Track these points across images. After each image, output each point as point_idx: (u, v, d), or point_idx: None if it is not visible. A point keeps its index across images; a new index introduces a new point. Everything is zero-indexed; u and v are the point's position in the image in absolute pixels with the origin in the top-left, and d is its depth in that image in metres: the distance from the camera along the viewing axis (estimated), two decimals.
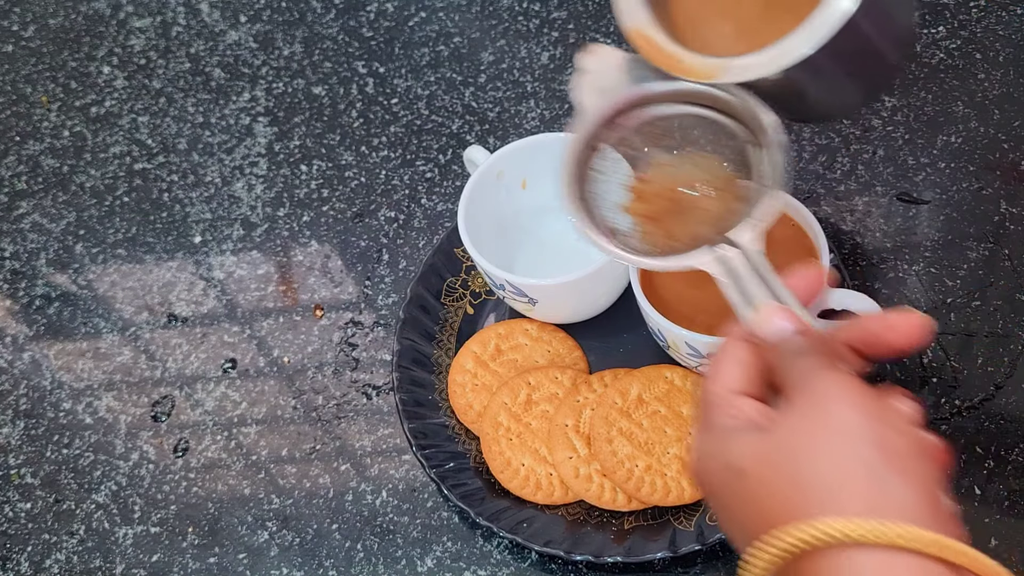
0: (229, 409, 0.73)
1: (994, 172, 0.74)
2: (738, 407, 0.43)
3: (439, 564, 0.65)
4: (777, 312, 0.44)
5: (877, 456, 0.38)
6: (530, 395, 0.67)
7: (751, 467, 0.40)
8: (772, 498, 0.39)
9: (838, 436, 0.38)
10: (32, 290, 0.81)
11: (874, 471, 0.37)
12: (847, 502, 0.37)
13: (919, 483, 0.38)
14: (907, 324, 0.43)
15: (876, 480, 0.37)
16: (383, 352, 0.74)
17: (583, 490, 0.64)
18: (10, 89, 0.92)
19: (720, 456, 0.42)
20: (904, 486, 0.37)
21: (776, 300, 0.46)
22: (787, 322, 0.44)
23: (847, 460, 0.38)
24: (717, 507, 0.43)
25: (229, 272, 0.79)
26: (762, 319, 0.44)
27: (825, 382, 0.40)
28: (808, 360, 0.42)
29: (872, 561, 0.36)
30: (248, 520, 0.69)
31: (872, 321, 0.44)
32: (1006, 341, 0.67)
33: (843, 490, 0.37)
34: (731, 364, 0.44)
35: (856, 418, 0.39)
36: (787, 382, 0.42)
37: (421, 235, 0.78)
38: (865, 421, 0.38)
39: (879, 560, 0.36)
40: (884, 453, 0.38)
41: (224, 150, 0.85)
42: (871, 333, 0.43)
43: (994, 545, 0.61)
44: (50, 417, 0.75)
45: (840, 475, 0.38)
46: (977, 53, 0.80)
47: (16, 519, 0.71)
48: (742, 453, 0.41)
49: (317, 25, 0.91)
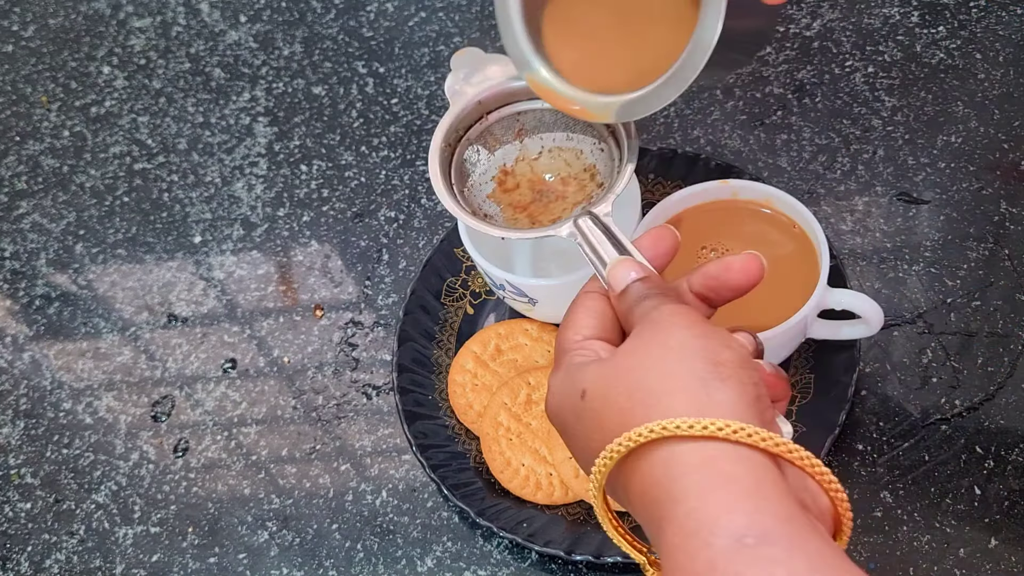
0: (229, 409, 0.73)
1: (994, 172, 0.74)
2: (587, 347, 0.46)
3: (439, 564, 0.65)
4: (622, 263, 0.47)
5: (704, 367, 0.40)
6: (530, 395, 0.67)
7: (591, 388, 0.43)
8: (609, 413, 0.42)
9: (670, 352, 0.41)
10: (32, 290, 0.81)
11: (700, 379, 0.40)
12: (674, 406, 0.39)
13: (742, 388, 0.40)
14: (742, 262, 0.46)
15: (702, 386, 0.40)
16: (383, 352, 0.74)
17: (583, 490, 0.64)
18: (10, 89, 0.92)
19: (568, 389, 0.44)
20: (728, 390, 0.40)
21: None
22: (632, 271, 0.47)
23: (676, 371, 0.40)
24: (569, 441, 0.46)
25: (229, 272, 0.79)
26: (609, 272, 0.48)
27: (661, 311, 0.43)
28: (651, 300, 0.45)
29: (695, 453, 0.38)
30: (248, 520, 0.69)
31: (710, 266, 0.47)
32: (1006, 341, 0.67)
33: (671, 396, 0.40)
34: (582, 313, 0.47)
35: (686, 336, 0.41)
36: (633, 322, 0.45)
37: (421, 235, 0.78)
38: (694, 339, 0.41)
39: (701, 451, 0.38)
40: (711, 364, 0.40)
41: (224, 150, 0.85)
42: (711, 277, 0.47)
43: (994, 545, 0.61)
44: (50, 417, 0.75)
45: (669, 384, 0.40)
46: (977, 53, 0.80)
47: (16, 519, 0.71)
48: (584, 378, 0.43)
49: (317, 25, 0.91)
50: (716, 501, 0.37)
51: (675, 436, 0.39)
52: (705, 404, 0.39)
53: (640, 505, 0.40)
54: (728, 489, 0.37)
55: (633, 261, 0.48)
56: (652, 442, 0.39)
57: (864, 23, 0.82)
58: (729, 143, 0.78)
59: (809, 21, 0.83)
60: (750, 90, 0.80)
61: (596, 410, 0.42)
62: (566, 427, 0.45)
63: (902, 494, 0.63)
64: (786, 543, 0.35)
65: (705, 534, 0.36)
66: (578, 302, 0.48)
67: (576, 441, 0.45)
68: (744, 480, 0.37)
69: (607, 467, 0.41)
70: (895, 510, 0.62)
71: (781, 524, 0.36)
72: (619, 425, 0.41)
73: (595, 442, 0.42)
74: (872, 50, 0.81)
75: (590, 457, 0.43)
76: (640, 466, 0.40)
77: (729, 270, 0.46)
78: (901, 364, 0.67)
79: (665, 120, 0.80)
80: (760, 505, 0.37)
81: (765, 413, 0.41)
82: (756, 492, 0.37)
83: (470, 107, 0.60)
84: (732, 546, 0.35)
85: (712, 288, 0.47)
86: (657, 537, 0.39)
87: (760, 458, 0.38)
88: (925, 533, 0.62)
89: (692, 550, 0.36)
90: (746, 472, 0.38)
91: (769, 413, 0.41)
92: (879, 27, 0.82)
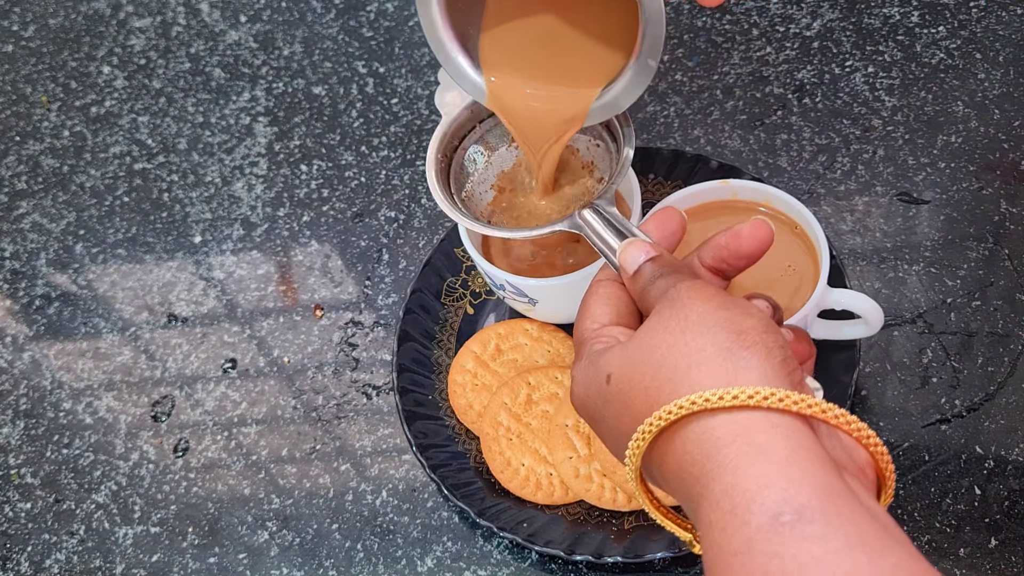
0: (229, 409, 0.73)
1: (994, 172, 0.74)
2: (606, 333, 0.45)
3: (439, 564, 0.65)
4: (632, 245, 0.47)
5: (727, 337, 0.40)
6: (530, 395, 0.67)
7: (615, 372, 0.42)
8: (636, 394, 0.41)
9: (691, 326, 0.41)
10: (32, 290, 0.81)
11: (725, 349, 0.39)
12: (701, 379, 0.39)
13: (767, 353, 0.39)
14: (751, 228, 0.46)
15: (728, 356, 0.39)
16: (383, 352, 0.74)
17: (583, 490, 0.64)
18: (10, 89, 0.92)
19: (593, 376, 0.44)
20: (754, 357, 0.39)
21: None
22: (642, 252, 0.46)
23: (700, 344, 0.40)
24: (598, 428, 0.45)
25: (229, 272, 0.79)
26: (620, 256, 0.47)
27: (678, 288, 0.43)
28: (665, 279, 0.44)
29: (727, 426, 0.38)
30: (248, 520, 0.69)
31: (719, 237, 0.47)
32: (1006, 341, 0.67)
33: (697, 369, 0.39)
34: (597, 302, 0.47)
35: (708, 309, 0.41)
36: (650, 302, 0.44)
37: (421, 235, 0.78)
38: (715, 311, 0.41)
39: (733, 423, 0.38)
40: (733, 333, 0.40)
41: (224, 150, 0.85)
42: (722, 247, 0.47)
43: (994, 545, 0.61)
44: (50, 417, 0.75)
45: (694, 358, 0.40)
46: (977, 53, 0.80)
47: (16, 519, 0.71)
48: (607, 363, 0.43)
49: (317, 25, 0.91)
50: (751, 476, 0.36)
51: (705, 410, 0.38)
52: (732, 373, 0.39)
53: (677, 483, 0.40)
54: (763, 462, 0.36)
55: (642, 242, 0.47)
56: (683, 418, 0.39)
57: (864, 23, 0.82)
58: (729, 143, 0.78)
59: (809, 21, 0.83)
60: (750, 90, 0.80)
61: (623, 392, 0.42)
62: (594, 415, 0.45)
63: (902, 494, 0.63)
64: (824, 519, 0.35)
65: (741, 512, 0.36)
66: (591, 291, 0.48)
67: (606, 428, 0.44)
68: (779, 450, 0.37)
69: (640, 448, 0.40)
70: (895, 510, 0.62)
71: (818, 498, 0.35)
72: (647, 405, 0.40)
73: (625, 425, 0.42)
74: (872, 50, 0.81)
75: (622, 441, 0.42)
76: (673, 445, 0.39)
77: (739, 238, 0.46)
78: (901, 364, 0.67)
79: (665, 120, 0.80)
80: (796, 477, 0.36)
81: (794, 375, 0.40)
82: (792, 463, 0.36)
83: (462, 117, 0.61)
84: (768, 524, 0.35)
85: (724, 259, 0.47)
86: (695, 514, 0.39)
87: (793, 423, 0.38)
88: (925, 533, 0.62)
89: (729, 529, 0.36)
90: (780, 441, 0.37)
91: (798, 374, 0.40)
92: (879, 27, 0.82)
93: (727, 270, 0.47)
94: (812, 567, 0.34)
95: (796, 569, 0.34)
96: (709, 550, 0.37)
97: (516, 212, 0.62)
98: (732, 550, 0.35)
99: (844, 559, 0.34)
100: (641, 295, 0.46)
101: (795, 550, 0.34)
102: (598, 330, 0.46)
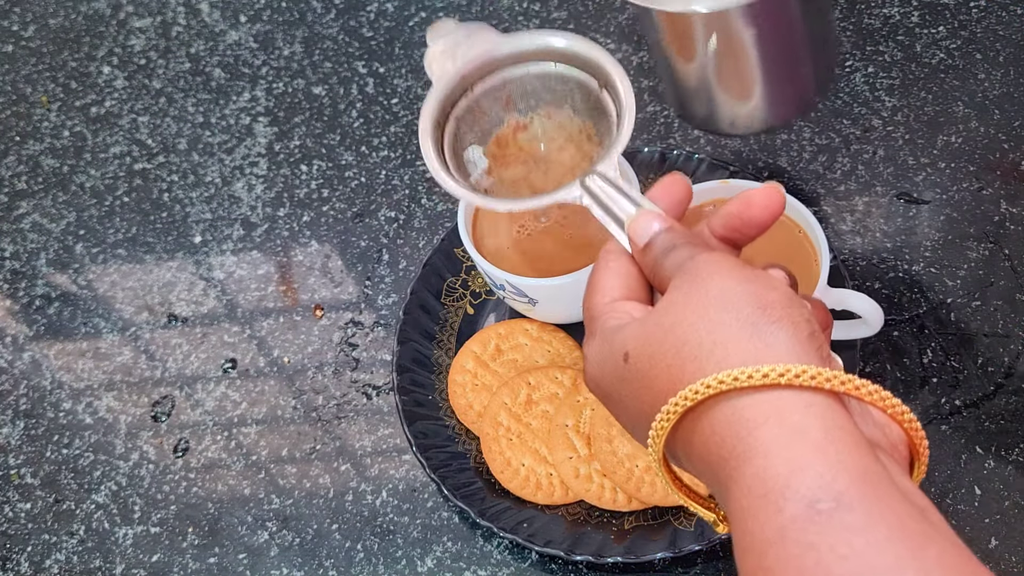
0: (229, 409, 0.73)
1: (994, 172, 0.74)
2: (619, 308, 0.43)
3: (439, 564, 0.65)
4: (643, 215, 0.45)
5: (752, 312, 0.38)
6: (530, 395, 0.67)
7: (633, 349, 0.40)
8: (657, 373, 0.39)
9: (714, 301, 0.39)
10: (32, 290, 0.81)
11: (751, 325, 0.37)
12: (728, 357, 0.37)
13: (795, 328, 0.37)
14: (763, 195, 0.44)
15: (755, 332, 0.37)
16: (383, 352, 0.74)
17: (583, 490, 0.64)
18: (10, 89, 0.92)
19: (607, 354, 0.42)
20: (781, 332, 0.37)
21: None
22: (654, 222, 0.44)
23: (724, 320, 0.38)
24: (614, 408, 0.43)
25: (229, 272, 0.79)
26: (630, 227, 0.45)
27: (698, 261, 0.41)
28: (681, 251, 0.42)
29: (758, 405, 0.36)
30: (248, 520, 0.69)
31: (731, 205, 0.44)
32: (1006, 341, 0.67)
33: (723, 347, 0.37)
34: (607, 275, 0.45)
35: (730, 283, 0.39)
36: (664, 275, 0.42)
37: (421, 235, 0.78)
38: (738, 284, 0.39)
39: (764, 402, 0.36)
40: (759, 308, 0.38)
41: (224, 150, 0.85)
42: (734, 216, 0.44)
43: (994, 545, 0.61)
44: (50, 417, 0.75)
45: (719, 334, 0.38)
46: (977, 53, 0.79)
47: (16, 519, 0.71)
48: (623, 341, 0.41)
49: (317, 25, 0.91)
50: (785, 459, 0.34)
51: (734, 389, 0.36)
52: (760, 350, 0.37)
53: (703, 465, 0.38)
54: (797, 444, 0.34)
55: (653, 212, 0.45)
56: (710, 398, 0.37)
57: (864, 23, 0.82)
58: (729, 143, 0.78)
59: None
60: None
61: (643, 371, 0.40)
62: (609, 395, 0.43)
63: None
64: (864, 508, 0.33)
65: (775, 498, 0.34)
66: (600, 265, 0.46)
67: (623, 408, 0.42)
68: (813, 431, 0.35)
69: (665, 430, 0.38)
70: None
71: (857, 484, 0.33)
72: (670, 383, 0.38)
73: (646, 405, 0.40)
74: (872, 50, 0.81)
75: (641, 422, 0.40)
76: (700, 425, 0.37)
77: (751, 206, 0.44)
78: (901, 364, 0.67)
79: (665, 120, 0.80)
80: (833, 461, 0.34)
81: (823, 349, 0.38)
82: (827, 445, 0.34)
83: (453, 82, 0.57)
84: (804, 512, 0.33)
85: (735, 228, 0.44)
86: (724, 497, 0.37)
87: (826, 401, 0.36)
88: None
89: (762, 516, 0.34)
90: (815, 422, 0.35)
91: (826, 348, 0.38)
92: (879, 27, 0.82)
93: (738, 239, 0.45)
94: (853, 560, 0.32)
95: (834, 561, 0.32)
96: (741, 538, 0.35)
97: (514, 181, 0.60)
98: (765, 539, 0.33)
99: (886, 552, 0.32)
100: (654, 268, 0.43)
101: (833, 541, 0.32)
102: (610, 305, 0.43)
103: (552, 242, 0.68)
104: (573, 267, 0.64)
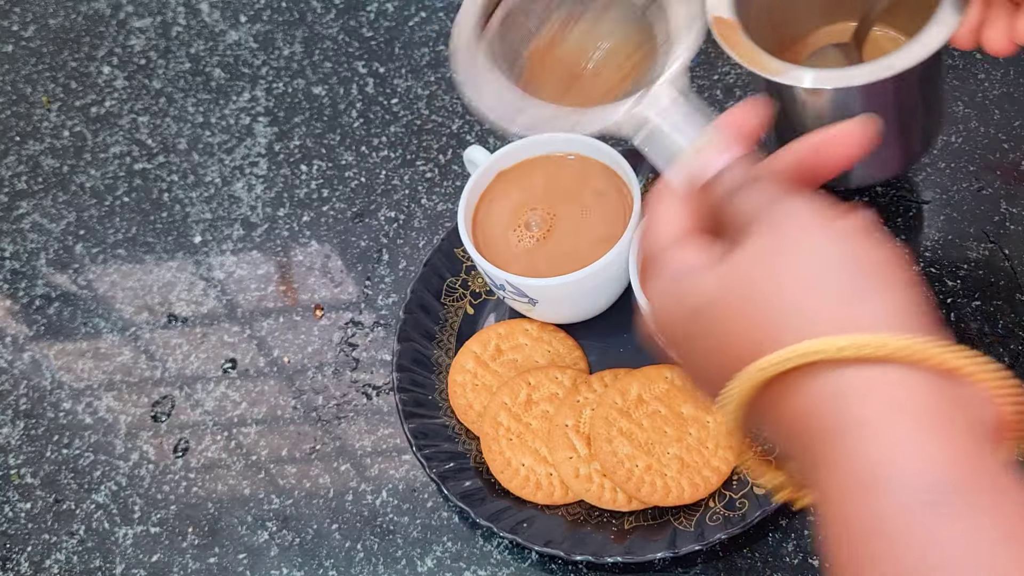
0: (229, 409, 0.73)
1: (994, 172, 0.74)
2: (688, 248, 0.38)
3: (439, 564, 0.65)
4: (712, 144, 0.39)
5: (852, 275, 0.34)
6: (530, 395, 0.67)
7: (710, 298, 0.36)
8: (739, 331, 0.35)
9: (808, 259, 0.35)
10: (32, 290, 0.81)
11: (851, 290, 0.34)
12: (823, 324, 0.33)
13: (899, 294, 0.34)
14: (850, 130, 0.39)
15: (855, 298, 0.34)
16: (383, 352, 0.74)
17: (583, 490, 0.64)
18: (10, 89, 0.92)
19: (680, 301, 0.37)
20: (885, 297, 0.34)
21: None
22: (726, 153, 0.39)
23: (819, 282, 0.34)
24: (683, 357, 0.39)
25: (229, 272, 0.79)
26: (696, 156, 0.40)
27: (785, 207, 0.36)
28: (761, 190, 0.37)
29: (859, 377, 0.32)
30: (248, 520, 0.69)
31: (807, 139, 0.39)
32: (1006, 341, 0.67)
33: (818, 313, 0.34)
34: (668, 212, 0.40)
35: (822, 239, 0.35)
36: (741, 216, 0.38)
37: (421, 235, 0.78)
38: (834, 243, 0.35)
39: (867, 375, 0.32)
40: (859, 271, 0.34)
41: (224, 150, 0.85)
42: (812, 150, 0.39)
43: None
44: (50, 417, 0.75)
45: (813, 298, 0.34)
46: (977, 53, 0.79)
47: (16, 519, 0.71)
48: (700, 291, 0.37)
49: (317, 25, 0.91)
50: (889, 442, 0.31)
51: (833, 359, 0.32)
52: (859, 317, 0.33)
53: (787, 436, 0.35)
54: (903, 425, 0.31)
55: (724, 141, 0.39)
56: (803, 366, 0.33)
57: None
58: None
59: None
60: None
61: (720, 325, 0.36)
62: (678, 342, 0.39)
63: None
64: (977, 503, 0.29)
65: (876, 483, 0.30)
66: (658, 200, 0.40)
67: (692, 360, 0.39)
68: (921, 412, 0.31)
69: (744, 393, 0.35)
70: None
71: (970, 476, 0.30)
72: (754, 344, 0.34)
73: (721, 362, 0.36)
74: None
75: (712, 375, 0.37)
76: (787, 394, 0.34)
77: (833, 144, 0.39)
78: None
79: None
80: (944, 446, 0.30)
81: (926, 318, 0.34)
82: (937, 428, 0.31)
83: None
84: (909, 504, 0.30)
85: (810, 168, 0.39)
86: (811, 474, 0.33)
87: (934, 379, 0.32)
88: None
89: (859, 502, 0.31)
90: (923, 400, 0.32)
91: (928, 316, 0.34)
92: None
93: (808, 183, 0.39)
94: (965, 562, 0.29)
95: (942, 563, 0.29)
96: (832, 523, 0.32)
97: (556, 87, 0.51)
98: (863, 528, 0.30)
99: (1002, 554, 0.29)
100: (722, 207, 0.38)
101: (942, 538, 0.29)
102: (674, 244, 0.38)
103: (552, 241, 0.68)
104: (573, 267, 0.64)
